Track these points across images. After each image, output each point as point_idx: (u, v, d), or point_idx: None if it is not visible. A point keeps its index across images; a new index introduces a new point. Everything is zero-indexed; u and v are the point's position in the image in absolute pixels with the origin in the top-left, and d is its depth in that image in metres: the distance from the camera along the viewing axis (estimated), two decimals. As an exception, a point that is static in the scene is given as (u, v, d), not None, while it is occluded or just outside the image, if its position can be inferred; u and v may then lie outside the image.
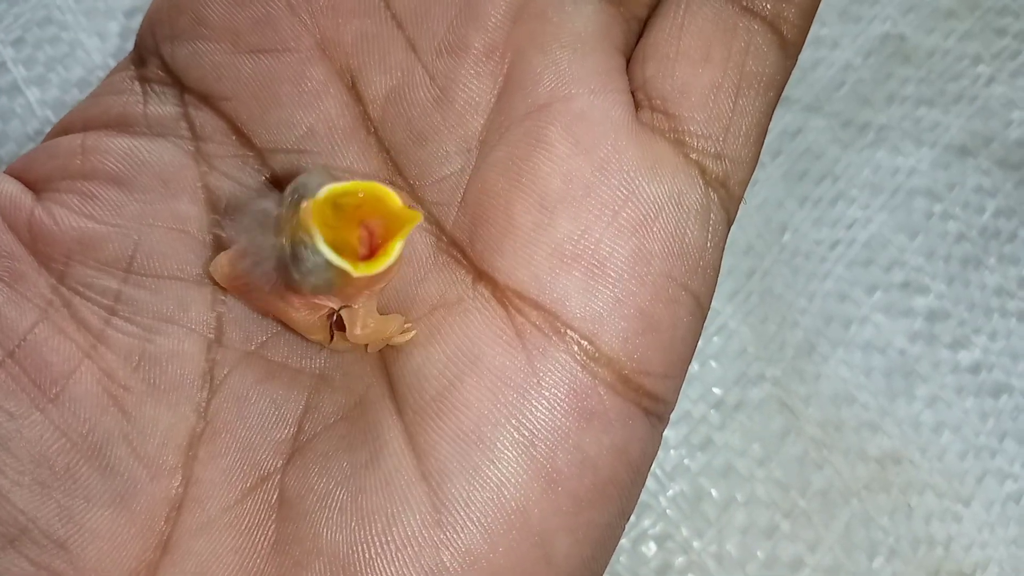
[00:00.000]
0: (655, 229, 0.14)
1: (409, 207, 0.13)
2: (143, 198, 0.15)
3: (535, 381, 0.14)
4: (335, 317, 0.14)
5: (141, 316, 0.15)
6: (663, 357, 0.14)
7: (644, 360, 0.14)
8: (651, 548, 0.21)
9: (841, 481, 0.22)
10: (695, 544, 0.21)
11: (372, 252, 0.13)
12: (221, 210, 0.16)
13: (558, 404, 0.14)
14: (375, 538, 0.13)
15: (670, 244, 0.14)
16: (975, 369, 0.24)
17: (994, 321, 0.24)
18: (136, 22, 0.22)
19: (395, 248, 0.13)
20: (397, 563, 0.13)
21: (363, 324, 0.14)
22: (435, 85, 0.16)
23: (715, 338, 0.23)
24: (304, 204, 0.12)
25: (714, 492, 0.22)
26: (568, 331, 0.14)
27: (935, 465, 0.23)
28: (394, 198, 0.13)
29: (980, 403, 0.23)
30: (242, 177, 0.16)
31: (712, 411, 0.22)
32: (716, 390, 0.22)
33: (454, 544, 0.13)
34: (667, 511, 0.22)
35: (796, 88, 0.25)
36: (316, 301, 0.14)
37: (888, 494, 0.22)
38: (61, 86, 0.23)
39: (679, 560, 0.21)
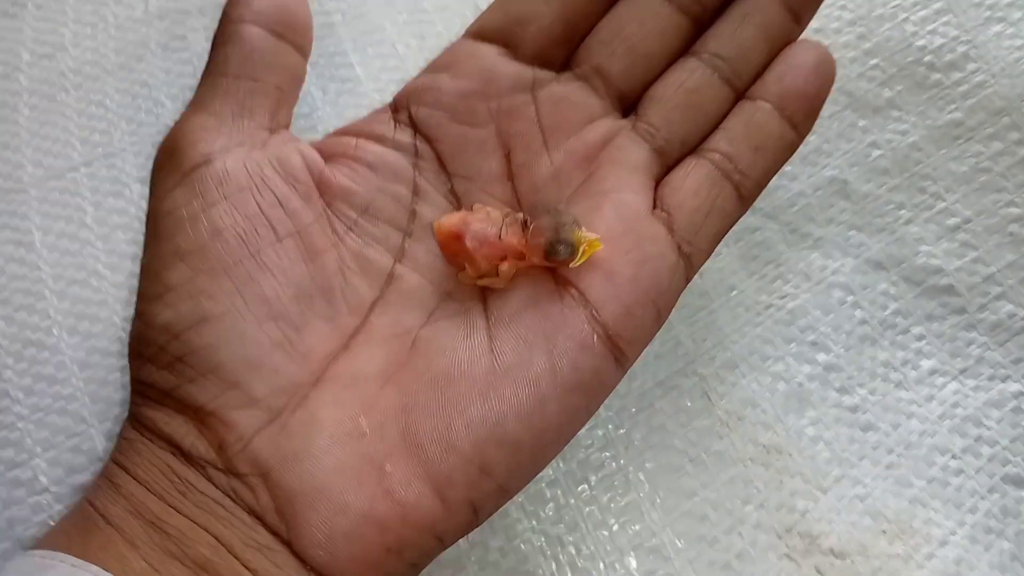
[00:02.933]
0: (647, 267, 0.22)
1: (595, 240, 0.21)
2: (382, 179, 0.24)
3: (564, 322, 0.21)
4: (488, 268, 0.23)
5: (363, 236, 0.23)
6: (633, 334, 0.22)
7: (622, 330, 0.22)
8: (604, 456, 0.29)
9: (735, 451, 0.29)
10: (630, 468, 0.29)
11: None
12: (419, 194, 0.24)
13: (573, 337, 0.21)
14: (460, 370, 0.21)
15: (653, 278, 0.22)
16: (853, 409, 0.30)
17: (876, 382, 0.30)
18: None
19: (587, 256, 0.21)
20: (473, 388, 0.21)
21: (511, 268, 0.22)
22: (552, 165, 0.24)
23: (668, 343, 0.31)
24: (578, 232, 0.21)
25: (637, 439, 0.29)
26: (588, 303, 0.22)
27: (807, 462, 0.29)
28: (592, 236, 0.21)
29: (851, 432, 0.29)
30: (436, 185, 0.24)
31: (656, 388, 0.30)
32: (661, 375, 0.30)
33: (497, 387, 0.21)
34: (614, 441, 0.30)
35: (762, 200, 0.32)
36: (523, 259, 0.22)
37: (767, 469, 0.29)
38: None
39: (611, 464, 0.29)
